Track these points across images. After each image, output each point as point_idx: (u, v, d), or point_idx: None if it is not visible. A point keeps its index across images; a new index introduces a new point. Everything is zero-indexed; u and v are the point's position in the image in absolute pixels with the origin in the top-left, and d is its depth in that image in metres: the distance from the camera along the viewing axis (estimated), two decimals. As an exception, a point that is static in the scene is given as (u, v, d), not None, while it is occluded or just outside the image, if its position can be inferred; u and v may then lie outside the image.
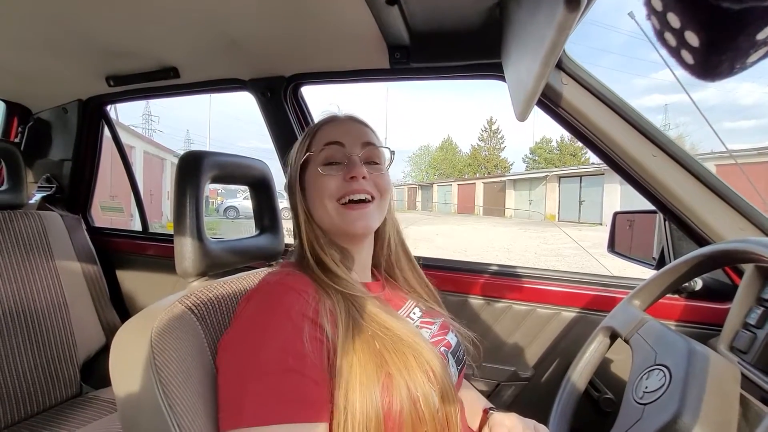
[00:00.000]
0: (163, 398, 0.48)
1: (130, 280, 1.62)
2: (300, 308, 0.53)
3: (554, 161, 38.59)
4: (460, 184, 32.57)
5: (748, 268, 0.80)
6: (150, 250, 1.60)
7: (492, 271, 1.14)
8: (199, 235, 0.68)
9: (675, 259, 0.99)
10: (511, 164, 44.08)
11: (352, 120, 0.69)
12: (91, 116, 1.49)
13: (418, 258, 0.86)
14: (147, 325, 0.54)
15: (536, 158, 41.12)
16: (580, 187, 19.76)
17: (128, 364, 0.52)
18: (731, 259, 0.59)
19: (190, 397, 0.51)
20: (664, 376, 0.54)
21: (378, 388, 0.50)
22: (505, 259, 8.35)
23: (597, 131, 0.86)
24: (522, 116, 0.75)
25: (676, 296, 0.97)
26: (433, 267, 1.18)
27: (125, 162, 1.60)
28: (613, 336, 0.75)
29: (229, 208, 16.13)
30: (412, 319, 0.68)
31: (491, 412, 0.66)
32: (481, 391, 1.02)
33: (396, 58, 0.92)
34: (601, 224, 17.05)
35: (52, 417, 1.21)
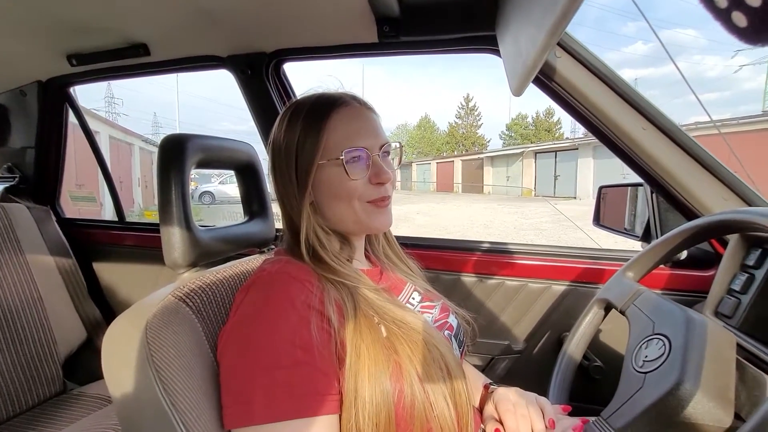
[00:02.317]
0: (164, 396, 0.46)
1: (108, 272, 1.56)
2: (305, 299, 0.51)
3: (530, 137, 39.16)
4: (439, 162, 32.68)
5: (733, 237, 0.83)
6: (128, 241, 1.53)
7: (484, 249, 1.15)
8: (188, 224, 0.64)
9: (661, 230, 1.02)
10: (488, 141, 44.50)
11: (364, 108, 0.63)
12: (53, 99, 1.37)
13: (410, 238, 0.86)
14: (140, 321, 0.51)
15: (512, 134, 41.61)
16: (555, 162, 20.19)
17: (123, 363, 0.50)
18: (729, 230, 0.61)
19: (193, 393, 0.49)
20: (664, 345, 0.56)
21: (388, 378, 0.50)
22: (486, 235, 8.52)
23: (589, 105, 0.86)
24: (518, 91, 0.73)
25: (662, 265, 1.00)
26: (425, 246, 1.18)
27: (95, 148, 1.50)
28: (608, 308, 0.77)
29: (204, 193, 15.68)
30: (412, 305, 0.68)
31: (492, 387, 0.67)
32: (476, 366, 1.05)
33: (385, 32, 0.88)
34: (575, 198, 17.57)
35: (37, 416, 1.16)
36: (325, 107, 0.61)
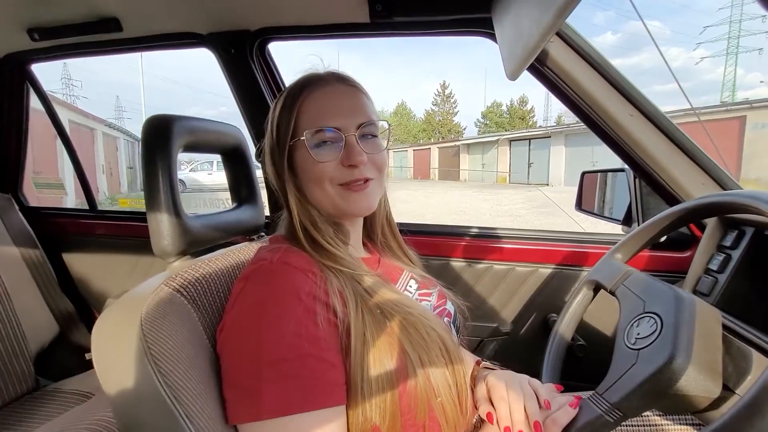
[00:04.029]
0: (165, 389, 0.44)
1: (80, 263, 1.47)
2: (310, 290, 0.50)
3: (504, 125, 39.78)
4: (416, 149, 32.74)
5: (711, 220, 0.87)
6: (101, 230, 1.45)
7: (473, 234, 1.16)
8: (176, 210, 0.61)
9: (642, 214, 1.06)
10: (464, 128, 44.92)
11: (343, 86, 0.61)
12: (12, 77, 1.26)
13: (399, 224, 0.85)
14: (133, 313, 0.48)
15: (488, 122, 42.12)
16: (529, 149, 20.65)
17: (118, 357, 0.47)
18: (718, 211, 0.63)
19: (195, 384, 0.47)
20: (656, 322, 0.58)
21: (392, 364, 0.50)
22: (464, 221, 8.66)
23: (580, 91, 0.87)
24: (514, 74, 0.73)
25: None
26: (414, 232, 1.18)
27: (61, 132, 1.40)
28: (597, 289, 0.79)
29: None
30: (410, 292, 0.67)
31: (484, 364, 0.68)
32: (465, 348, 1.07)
33: (377, 11, 0.85)
34: (547, 184, 18.07)
35: (8, 415, 1.10)
36: (300, 88, 0.60)
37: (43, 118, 1.42)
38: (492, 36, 0.88)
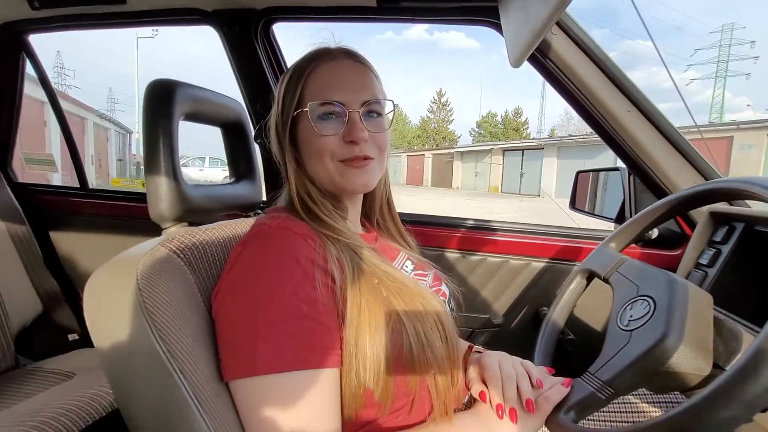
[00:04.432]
0: (160, 344, 0.44)
1: (67, 242, 1.44)
2: (308, 254, 0.50)
3: (498, 135, 40.20)
4: (410, 155, 32.87)
5: (702, 216, 0.89)
6: (91, 209, 1.42)
7: (467, 225, 1.17)
8: (175, 176, 0.61)
9: (635, 211, 1.08)
10: (459, 137, 45.26)
11: (352, 61, 0.61)
12: (8, 47, 1.24)
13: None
14: (129, 269, 0.48)
15: (482, 132, 42.54)
16: (522, 160, 20.88)
17: (111, 311, 0.46)
18: (713, 198, 0.65)
19: (190, 341, 0.46)
20: (649, 305, 0.59)
21: (387, 332, 0.50)
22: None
23: (581, 84, 0.88)
24: (519, 61, 0.74)
25: (634, 245, 1.06)
26: (409, 222, 1.18)
27: (56, 107, 1.37)
28: (590, 277, 0.80)
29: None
30: (406, 271, 0.68)
31: (476, 348, 0.68)
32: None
33: (385, -6, 0.85)
34: (538, 195, 18.27)
35: (-15, 392, 1.07)
36: (307, 61, 0.60)
37: (32, 104, 1.39)
38: (496, 26, 0.89)
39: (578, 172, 1.33)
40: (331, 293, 0.50)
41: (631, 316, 0.60)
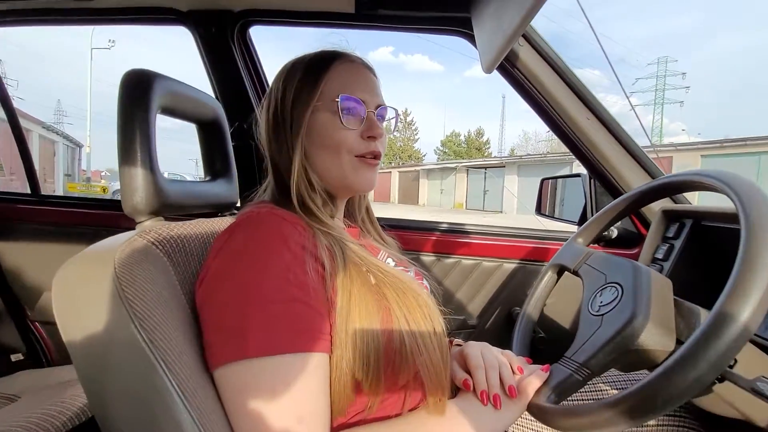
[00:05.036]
0: (141, 333, 0.41)
1: (14, 253, 1.32)
2: (298, 239, 0.50)
3: (462, 154, 41.59)
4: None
5: (655, 216, 0.97)
6: (43, 217, 1.32)
7: (442, 229, 1.20)
8: (152, 167, 0.59)
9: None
10: (424, 155, 46.34)
11: (365, 68, 0.64)
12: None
13: None
14: (105, 259, 0.45)
15: (446, 150, 43.85)
16: (485, 178, 21.66)
17: (86, 302, 0.44)
18: (670, 191, 0.71)
19: (172, 332, 0.44)
20: (617, 290, 0.63)
21: (378, 321, 0.50)
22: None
23: (545, 93, 0.95)
24: (490, 68, 0.79)
25: (596, 245, 1.13)
26: (387, 226, 1.19)
27: (8, 109, 1.28)
28: (560, 271, 0.84)
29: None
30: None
31: (457, 341, 0.70)
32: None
33: (363, 1, 0.88)
34: (501, 212, 18.94)
35: None
36: (328, 57, 0.62)
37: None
38: (469, 36, 0.95)
39: (542, 180, 1.41)
40: (322, 279, 0.49)
41: (602, 302, 0.64)
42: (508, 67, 0.95)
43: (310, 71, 0.60)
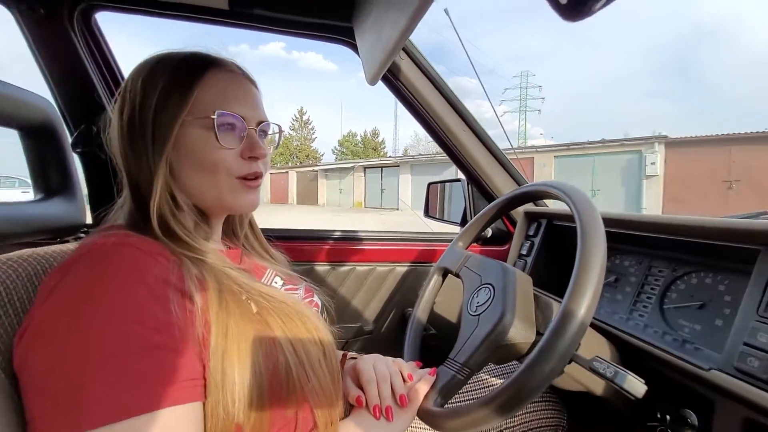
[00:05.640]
0: None
1: None
2: (159, 273, 0.43)
3: (359, 154, 42.43)
4: (273, 173, 31.78)
5: (520, 216, 1.11)
6: None
7: (335, 237, 1.18)
8: None
9: (474, 215, 1.27)
10: (322, 155, 46.00)
11: (245, 78, 0.58)
12: None
13: (262, 230, 0.81)
14: None
15: (344, 150, 44.23)
16: (381, 177, 22.45)
17: None
18: (530, 198, 0.80)
19: None
20: (490, 291, 0.69)
21: (261, 355, 0.46)
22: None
23: (426, 105, 1.00)
24: (375, 79, 0.80)
25: (475, 244, 1.24)
26: (276, 237, 1.13)
27: None
28: (445, 274, 0.90)
29: None
30: (276, 288, 0.65)
31: (351, 355, 0.69)
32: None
33: (237, -1, 0.81)
34: (398, 209, 19.87)
35: None
36: (202, 63, 0.54)
37: None
38: (352, 45, 0.95)
39: (429, 184, 1.50)
40: (191, 316, 0.43)
41: (478, 302, 0.70)
42: (392, 79, 0.97)
43: (179, 76, 0.52)
